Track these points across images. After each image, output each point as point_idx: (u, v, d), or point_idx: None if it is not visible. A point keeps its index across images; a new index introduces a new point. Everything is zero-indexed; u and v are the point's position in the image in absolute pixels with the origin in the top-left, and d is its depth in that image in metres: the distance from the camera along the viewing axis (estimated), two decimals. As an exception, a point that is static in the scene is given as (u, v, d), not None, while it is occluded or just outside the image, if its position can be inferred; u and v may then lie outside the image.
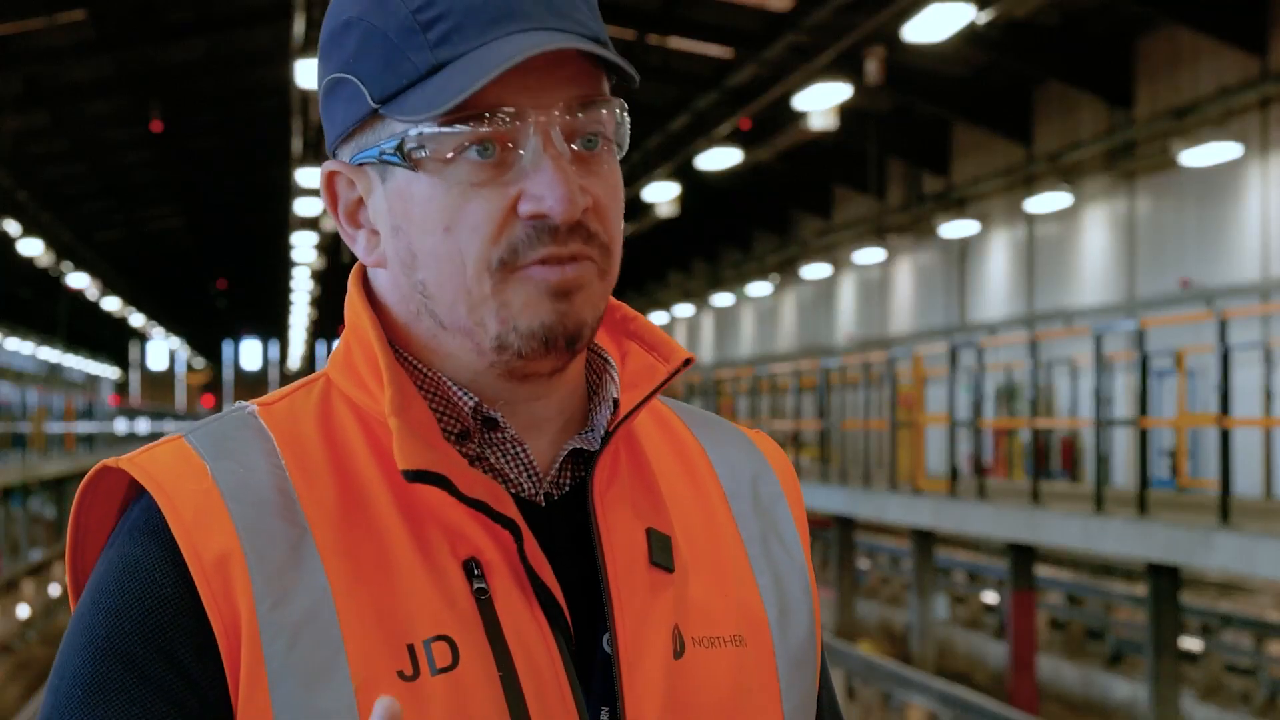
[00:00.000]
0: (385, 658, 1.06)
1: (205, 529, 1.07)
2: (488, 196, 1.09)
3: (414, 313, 1.15)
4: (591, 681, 1.12)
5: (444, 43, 1.09)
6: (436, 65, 1.09)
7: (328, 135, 1.18)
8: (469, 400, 1.14)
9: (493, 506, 1.09)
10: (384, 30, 1.11)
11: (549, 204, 1.08)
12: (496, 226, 1.09)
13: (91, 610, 1.09)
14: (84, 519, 1.15)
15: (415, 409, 1.12)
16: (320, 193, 1.19)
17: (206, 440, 1.12)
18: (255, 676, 1.05)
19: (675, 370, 1.20)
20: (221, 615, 1.06)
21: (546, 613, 1.10)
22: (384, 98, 1.11)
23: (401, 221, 1.12)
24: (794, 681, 1.21)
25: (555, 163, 1.09)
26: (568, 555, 1.14)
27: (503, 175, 1.10)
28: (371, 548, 1.09)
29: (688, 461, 1.25)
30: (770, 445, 1.32)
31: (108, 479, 1.14)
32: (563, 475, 1.17)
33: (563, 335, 1.10)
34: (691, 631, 1.15)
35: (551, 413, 1.17)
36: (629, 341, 1.23)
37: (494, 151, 1.09)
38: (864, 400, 20.01)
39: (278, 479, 1.10)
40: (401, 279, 1.14)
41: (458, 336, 1.13)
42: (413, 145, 1.10)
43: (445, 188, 1.10)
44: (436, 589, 1.08)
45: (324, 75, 1.17)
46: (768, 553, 1.24)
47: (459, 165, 1.10)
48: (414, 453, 1.08)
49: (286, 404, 1.17)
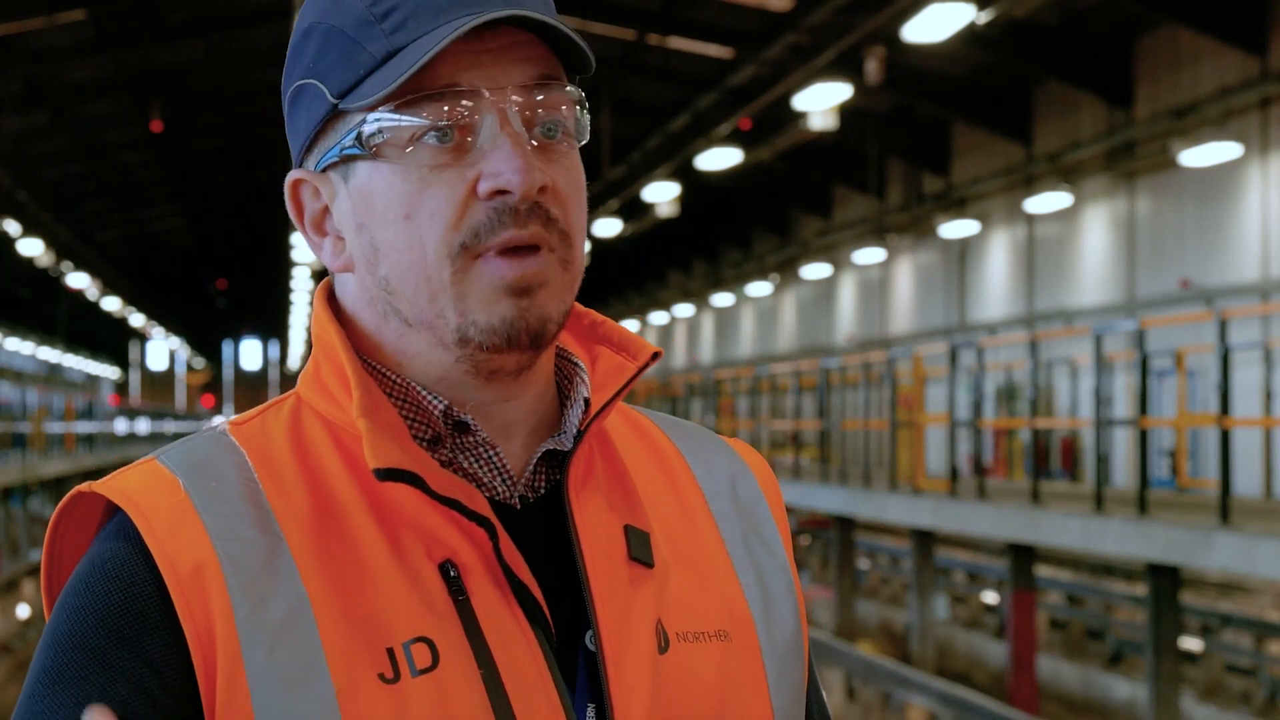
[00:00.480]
0: (365, 661, 1.06)
1: (180, 540, 1.07)
2: (448, 180, 1.10)
3: (381, 315, 1.15)
4: (576, 679, 1.11)
5: (399, 29, 1.11)
6: (391, 51, 1.10)
7: (292, 147, 1.19)
8: (438, 404, 1.14)
9: (466, 505, 1.09)
10: (341, 28, 1.13)
11: (506, 177, 1.09)
12: (457, 211, 1.10)
13: (59, 611, 1.09)
14: (59, 543, 1.16)
15: (384, 412, 1.12)
16: (286, 205, 1.20)
17: (179, 459, 1.13)
18: (235, 681, 1.04)
19: (643, 365, 1.20)
20: (195, 622, 1.05)
21: (526, 611, 1.10)
22: (343, 91, 1.12)
23: (364, 218, 1.13)
24: (783, 675, 1.20)
25: (513, 139, 1.10)
26: (546, 555, 1.13)
27: (462, 158, 1.11)
28: (347, 554, 1.09)
29: (664, 463, 1.26)
30: (748, 449, 1.32)
31: (82, 505, 1.14)
32: (538, 479, 1.17)
33: (525, 331, 1.11)
34: (675, 626, 1.15)
35: (522, 415, 1.17)
36: (598, 346, 1.24)
37: (452, 137, 1.10)
38: (864, 400, 20.01)
39: (250, 491, 1.11)
40: (367, 278, 1.15)
41: (422, 332, 1.13)
42: (371, 131, 1.11)
43: (405, 174, 1.11)
44: (413, 591, 1.08)
45: (287, 87, 1.18)
46: (749, 551, 1.24)
47: (418, 151, 1.11)
48: (384, 451, 1.08)
49: (258, 422, 1.17)
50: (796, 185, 35.40)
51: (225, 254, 60.14)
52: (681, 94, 28.09)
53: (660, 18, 25.03)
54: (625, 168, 31.43)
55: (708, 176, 30.08)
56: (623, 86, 28.67)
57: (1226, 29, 20.75)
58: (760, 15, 23.79)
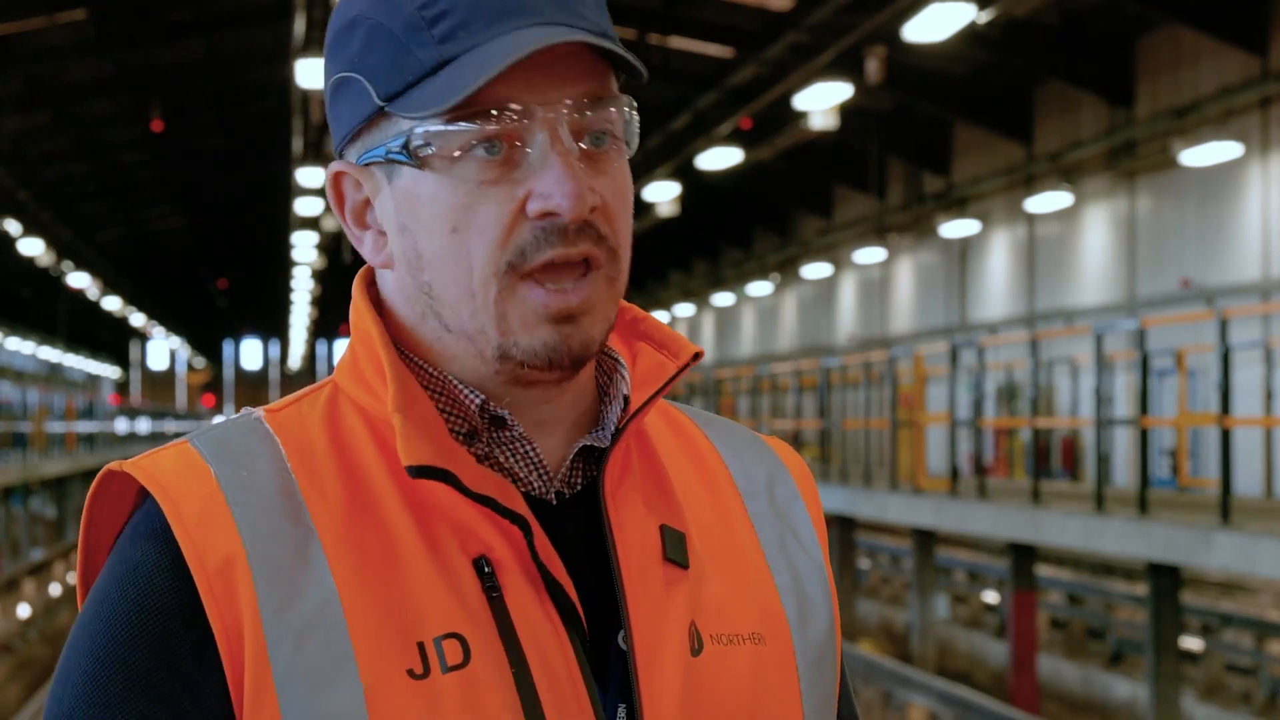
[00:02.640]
0: (395, 656, 1.05)
1: (209, 532, 1.06)
2: (496, 197, 1.08)
3: (419, 314, 1.14)
4: (608, 679, 1.11)
5: (450, 38, 1.08)
6: (442, 61, 1.08)
7: (334, 136, 1.17)
8: (475, 398, 1.13)
9: (500, 502, 1.08)
10: (389, 27, 1.10)
11: (557, 200, 1.07)
12: (505, 229, 1.08)
13: (94, 617, 1.08)
14: (94, 525, 1.15)
15: (420, 406, 1.11)
16: (327, 194, 1.18)
17: (212, 444, 1.12)
18: (261, 680, 1.04)
19: (684, 365, 1.19)
20: (223, 620, 1.05)
21: (559, 609, 1.09)
22: (390, 95, 1.10)
23: (409, 221, 1.11)
24: (815, 681, 1.19)
25: (563, 159, 1.08)
26: (581, 553, 1.13)
27: (510, 174, 1.09)
28: (379, 547, 1.08)
29: (702, 463, 1.24)
30: (786, 450, 1.31)
31: (115, 483, 1.13)
32: (574, 475, 1.16)
33: (568, 355, 1.10)
34: (709, 629, 1.14)
35: (561, 414, 1.16)
36: (639, 342, 1.23)
37: (501, 149, 1.08)
38: (865, 400, 20.01)
39: (283, 482, 1.10)
40: (407, 280, 1.13)
41: (462, 340, 1.12)
42: (419, 143, 1.09)
43: (452, 186, 1.09)
44: (446, 587, 1.08)
45: (330, 75, 1.16)
46: (786, 553, 1.23)
47: (466, 163, 1.08)
48: (418, 448, 1.07)
49: (293, 410, 1.16)
50: (797, 185, 35.40)
51: (225, 254, 60.12)
52: (682, 93, 28.10)
53: (660, 17, 25.03)
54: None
55: (708, 176, 30.09)
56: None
57: (1227, 29, 20.75)
58: (761, 15, 23.79)
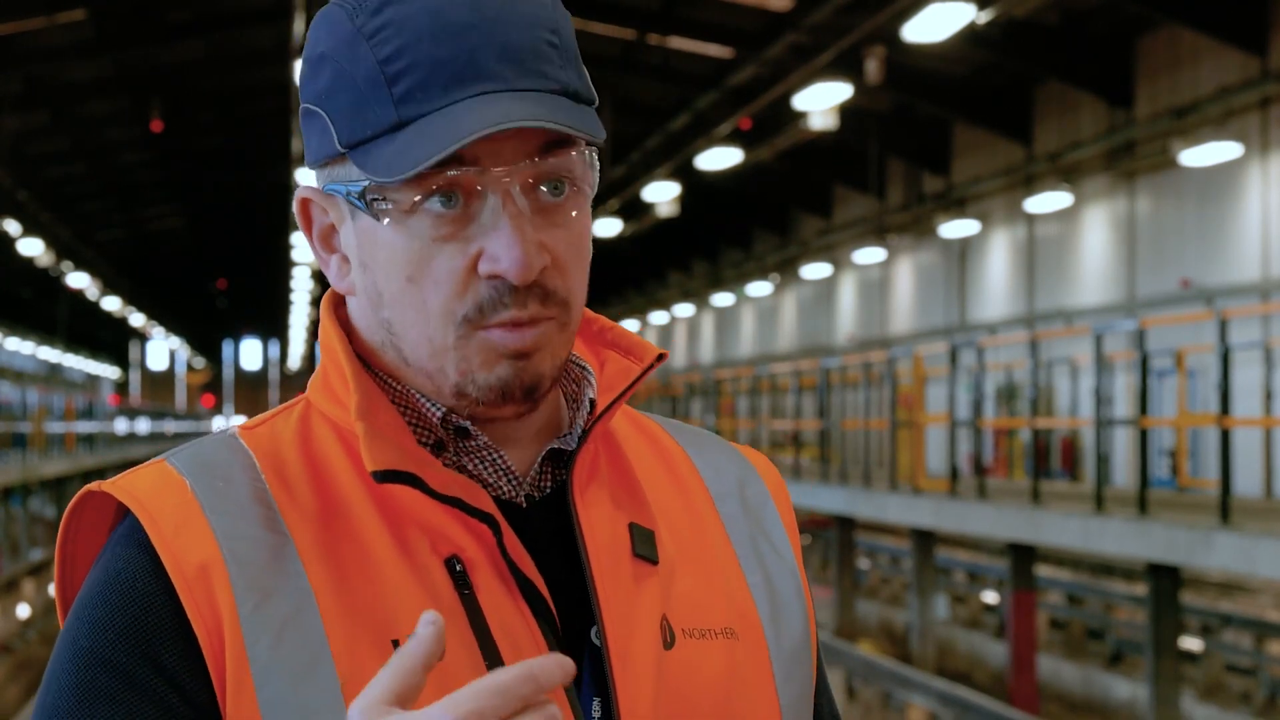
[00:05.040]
0: (369, 653, 1.07)
1: (186, 540, 1.09)
2: (449, 253, 1.10)
3: (380, 344, 1.17)
4: (582, 674, 1.12)
5: (408, 99, 1.09)
6: (399, 123, 1.09)
7: (306, 155, 1.19)
8: (436, 411, 1.16)
9: (468, 502, 1.10)
10: (352, 75, 1.11)
11: (504, 265, 1.09)
12: (460, 283, 1.11)
13: (76, 622, 1.10)
14: (70, 545, 1.17)
15: (383, 414, 1.14)
16: (295, 216, 1.20)
17: (188, 460, 1.15)
18: (241, 676, 1.06)
19: (648, 367, 1.22)
20: (204, 620, 1.07)
21: (532, 606, 1.11)
22: (350, 144, 1.12)
23: (368, 260, 1.14)
24: (790, 676, 1.21)
25: (514, 222, 1.09)
26: (552, 552, 1.15)
27: (464, 230, 1.10)
28: (353, 550, 1.11)
29: (671, 465, 1.27)
30: (756, 454, 1.33)
31: (92, 503, 1.16)
32: (544, 479, 1.19)
33: (519, 388, 1.13)
34: (681, 623, 1.16)
35: (526, 428, 1.19)
36: (606, 350, 1.26)
37: (458, 203, 1.10)
38: (864, 400, 20.00)
39: (258, 491, 1.12)
40: (369, 311, 1.16)
41: (420, 376, 1.15)
42: (374, 197, 1.11)
43: (408, 238, 1.11)
44: (419, 586, 1.10)
45: (302, 98, 1.18)
46: (757, 553, 1.25)
47: (421, 218, 1.10)
48: (380, 453, 1.10)
49: (267, 426, 1.19)
50: (796, 185, 35.40)
51: (225, 254, 60.14)
52: (681, 94, 28.10)
53: (660, 17, 25.03)
54: (625, 168, 31.43)
55: (708, 176, 30.08)
56: (623, 86, 28.66)
57: (1226, 29, 20.75)
58: (760, 15, 23.79)
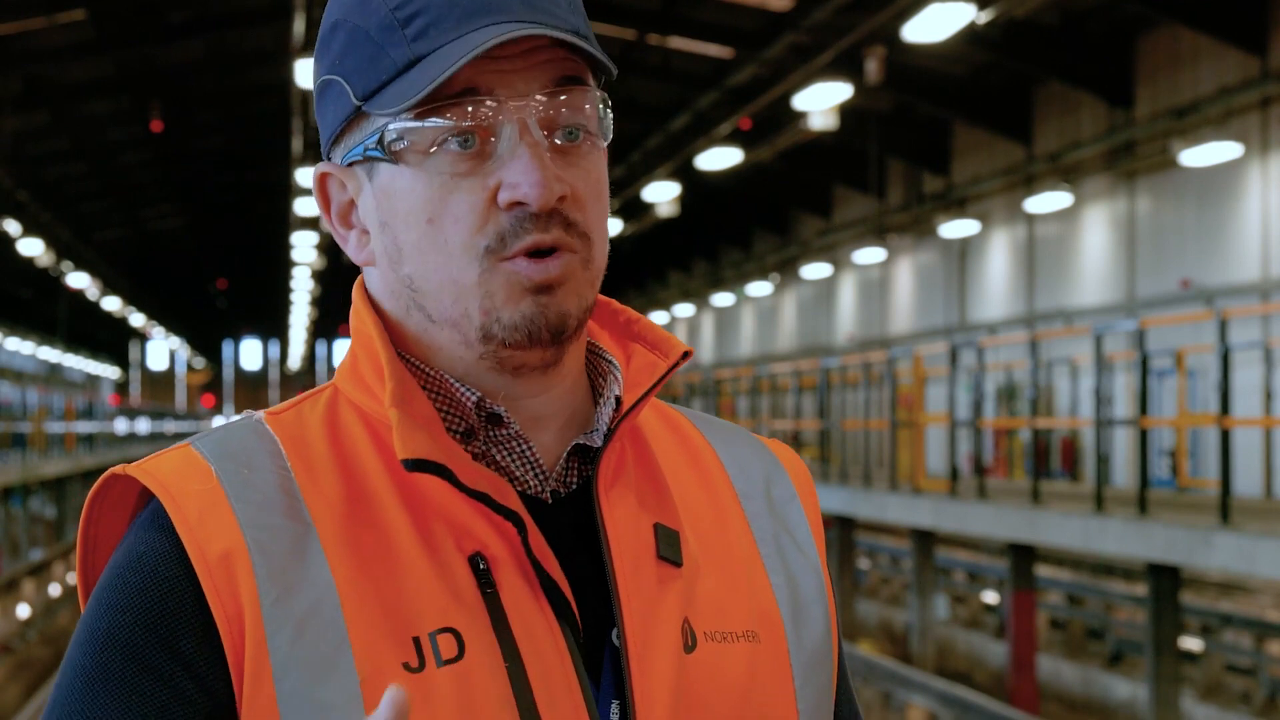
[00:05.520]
0: (390, 649, 1.07)
1: (209, 527, 1.08)
2: (468, 188, 1.12)
3: (404, 309, 1.17)
4: (602, 675, 1.12)
5: (421, 36, 1.11)
6: (414, 59, 1.11)
7: (321, 138, 1.21)
8: (471, 395, 1.15)
9: (495, 499, 1.10)
10: (366, 29, 1.14)
11: (524, 190, 1.10)
12: (480, 217, 1.11)
13: (96, 605, 1.10)
14: (93, 528, 1.17)
15: (417, 403, 1.13)
16: (314, 195, 1.21)
17: (213, 445, 1.15)
18: (260, 669, 1.06)
19: (674, 364, 1.21)
20: (225, 609, 1.07)
21: (554, 606, 1.11)
22: (366, 94, 1.14)
23: (388, 216, 1.15)
24: (809, 679, 1.20)
25: (531, 150, 1.11)
26: (575, 550, 1.14)
27: (482, 165, 1.12)
28: (376, 543, 1.10)
29: (698, 462, 1.26)
30: (785, 450, 1.32)
31: (116, 487, 1.16)
32: (569, 474, 1.18)
33: (545, 327, 1.12)
34: (703, 626, 1.16)
35: (553, 409, 1.18)
36: (633, 344, 1.25)
37: (474, 143, 1.11)
38: (864, 400, 20.00)
39: (282, 479, 1.12)
40: (390, 275, 1.16)
41: (445, 329, 1.15)
42: (393, 138, 1.13)
43: (427, 180, 1.12)
44: (442, 582, 1.09)
45: (316, 78, 1.20)
46: (781, 552, 1.24)
47: (439, 157, 1.12)
48: (414, 442, 1.09)
49: (294, 412, 1.19)
50: (796, 185, 35.40)
51: (225, 254, 60.08)
52: (681, 94, 28.09)
53: (660, 17, 25.02)
54: (625, 168, 31.43)
55: (708, 176, 30.09)
56: (623, 86, 28.66)
57: (1226, 29, 20.76)
58: (760, 15, 23.79)
